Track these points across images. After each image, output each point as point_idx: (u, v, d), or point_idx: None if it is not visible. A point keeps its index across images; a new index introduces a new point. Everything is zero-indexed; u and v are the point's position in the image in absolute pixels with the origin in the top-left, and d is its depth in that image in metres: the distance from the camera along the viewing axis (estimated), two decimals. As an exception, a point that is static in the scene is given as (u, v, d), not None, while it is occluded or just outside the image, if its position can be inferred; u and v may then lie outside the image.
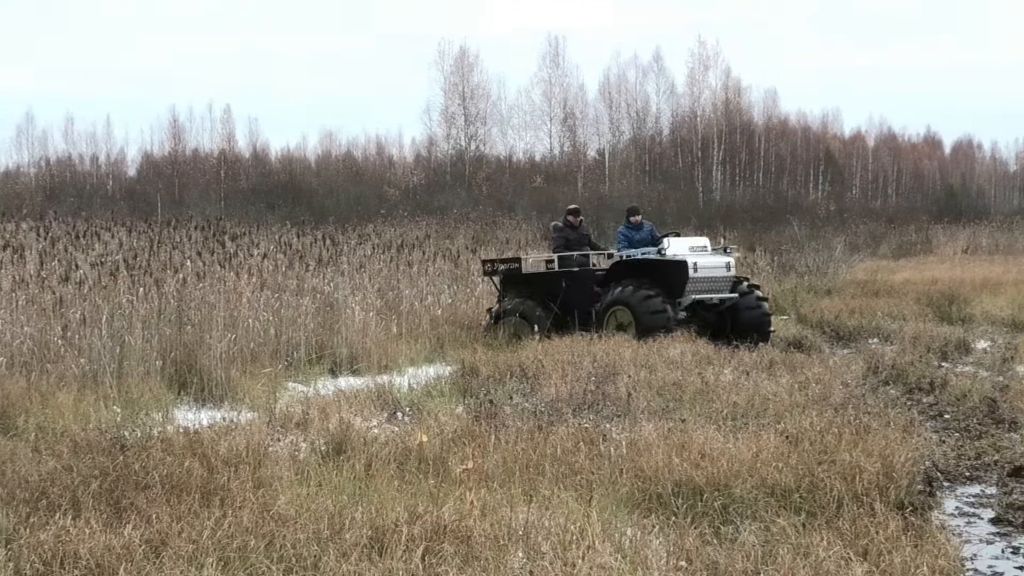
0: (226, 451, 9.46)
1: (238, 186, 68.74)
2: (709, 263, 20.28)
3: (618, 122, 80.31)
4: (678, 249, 20.37)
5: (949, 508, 9.65)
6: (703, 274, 20.08)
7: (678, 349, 16.87)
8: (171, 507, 7.75)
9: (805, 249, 36.98)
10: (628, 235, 21.25)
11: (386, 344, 17.68)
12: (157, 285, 15.95)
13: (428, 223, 41.90)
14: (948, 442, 12.15)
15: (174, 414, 12.31)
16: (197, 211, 44.55)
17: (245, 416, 11.95)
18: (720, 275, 20.49)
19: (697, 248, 20.62)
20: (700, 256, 20.26)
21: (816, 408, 12.03)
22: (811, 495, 8.67)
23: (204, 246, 20.00)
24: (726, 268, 20.59)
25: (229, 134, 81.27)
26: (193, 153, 79.03)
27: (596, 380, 14.19)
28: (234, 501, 7.91)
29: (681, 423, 11.17)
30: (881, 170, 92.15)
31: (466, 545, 7.18)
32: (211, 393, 13.81)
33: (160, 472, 8.69)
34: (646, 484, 8.89)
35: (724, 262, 20.59)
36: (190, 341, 14.85)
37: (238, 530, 7.25)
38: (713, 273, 20.32)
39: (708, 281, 20.26)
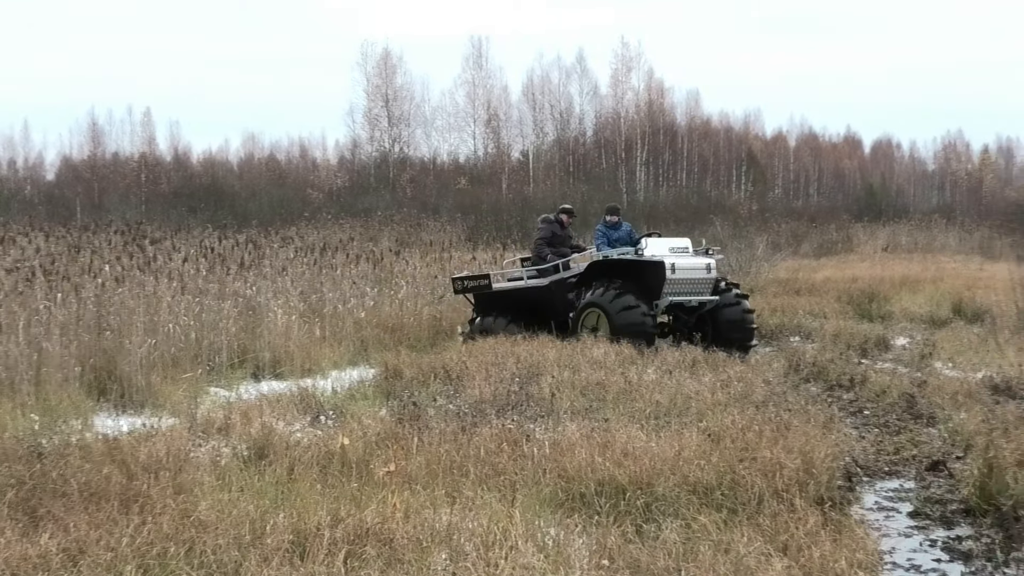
0: (146, 457, 9.37)
1: (159, 190, 68.10)
2: (688, 264, 19.53)
3: (542, 123, 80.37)
4: (656, 250, 19.63)
5: (868, 503, 9.77)
6: (681, 276, 19.38)
7: (601, 349, 16.90)
8: (89, 515, 7.66)
9: (728, 248, 37.17)
10: (606, 234, 20.66)
11: (309, 347, 17.59)
12: (76, 290, 15.78)
13: (352, 225, 41.76)
14: (867, 438, 12.31)
15: (93, 421, 12.14)
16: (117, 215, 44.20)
17: (166, 422, 11.83)
18: (700, 277, 19.71)
19: (677, 249, 19.84)
20: (679, 257, 19.54)
21: (738, 406, 12.13)
22: (732, 492, 8.75)
23: (124, 250, 19.80)
24: (706, 270, 19.71)
25: (150, 137, 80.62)
26: (113, 157, 78.17)
27: (520, 381, 14.18)
28: (154, 508, 7.83)
29: (604, 423, 11.19)
30: (803, 170, 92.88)
31: (389, 548, 7.17)
32: (131, 399, 13.65)
33: (78, 480, 8.57)
34: (569, 484, 8.92)
35: (704, 264, 19.73)
36: (110, 347, 14.67)
37: (158, 537, 7.19)
38: (692, 275, 19.59)
39: (687, 283, 19.55)
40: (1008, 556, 8.09)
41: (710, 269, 19.68)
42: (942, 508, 9.51)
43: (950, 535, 8.80)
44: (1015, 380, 15.33)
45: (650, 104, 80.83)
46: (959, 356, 18.37)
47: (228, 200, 56.75)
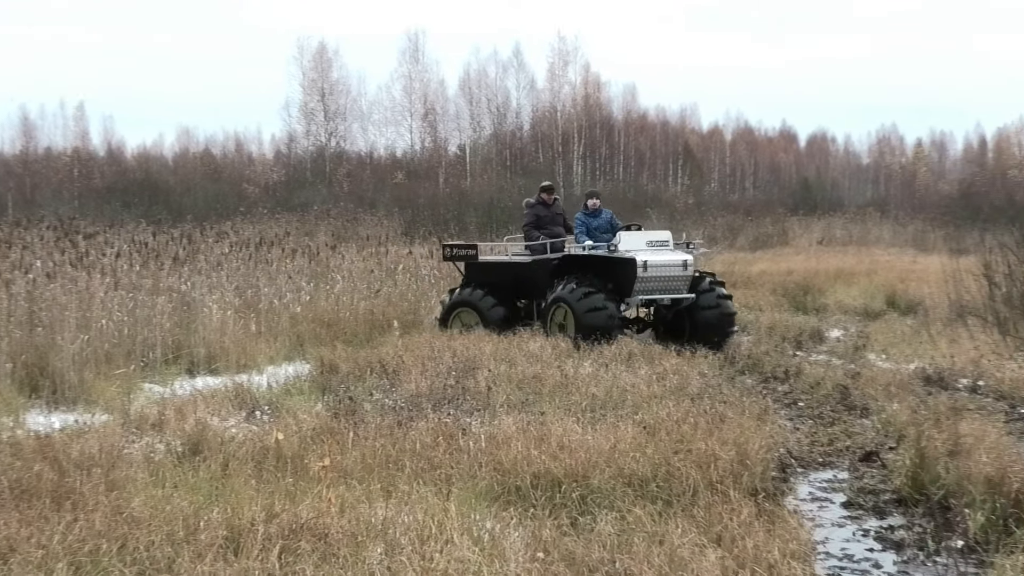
0: (78, 454, 9.29)
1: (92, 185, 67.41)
2: (661, 261, 18.69)
3: (479, 117, 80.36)
4: (631, 244, 18.90)
5: (802, 493, 9.85)
6: (654, 273, 18.60)
7: (538, 343, 16.94)
8: (20, 512, 7.59)
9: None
10: (586, 222, 19.87)
11: (244, 343, 17.49)
12: (6, 286, 15.61)
13: (288, 220, 41.57)
14: (802, 429, 12.41)
15: (25, 418, 12.02)
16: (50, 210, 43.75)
17: (99, 418, 11.76)
18: (675, 274, 18.83)
19: (656, 243, 19.10)
20: (652, 253, 18.75)
21: (673, 398, 12.20)
22: (667, 484, 8.81)
23: (56, 246, 19.62)
24: (682, 267, 18.83)
25: (83, 132, 80.00)
26: (45, 152, 77.46)
27: (456, 375, 14.19)
28: (86, 505, 7.77)
29: (540, 416, 11.22)
30: (738, 163, 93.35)
31: (324, 542, 7.15)
32: (64, 396, 13.52)
33: (9, 477, 8.49)
34: (505, 477, 8.94)
35: (680, 260, 18.85)
36: (41, 343, 14.53)
37: (90, 534, 7.13)
38: (666, 272, 18.75)
39: (660, 281, 18.75)
40: (939, 545, 8.17)
41: (687, 266, 18.89)
42: (875, 498, 9.61)
43: (883, 525, 8.89)
44: (947, 371, 15.50)
45: (587, 98, 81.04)
46: (892, 348, 18.56)
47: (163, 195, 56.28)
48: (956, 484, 8.99)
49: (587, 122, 79.39)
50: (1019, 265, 18.55)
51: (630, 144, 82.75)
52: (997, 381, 14.80)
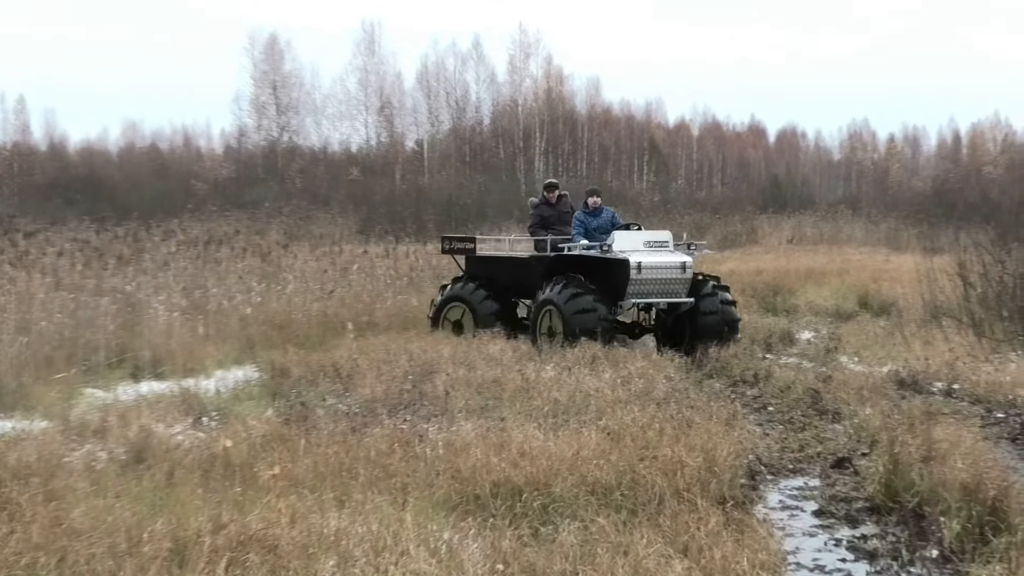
0: (15, 463, 9.19)
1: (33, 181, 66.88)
2: (657, 263, 18.34)
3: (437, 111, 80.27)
4: (626, 245, 18.51)
5: (772, 501, 9.88)
6: (649, 275, 18.27)
7: (498, 346, 16.92)
8: (-47, 524, 7.51)
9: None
10: (584, 222, 19.39)
11: (192, 346, 17.38)
12: (-59, 287, 15.48)
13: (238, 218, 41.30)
14: (772, 435, 12.44)
15: (-40, 425, 11.92)
16: (-12, 208, 43.41)
17: (37, 425, 11.65)
18: (672, 277, 18.49)
19: (654, 244, 18.72)
20: (648, 254, 18.39)
21: (639, 403, 12.19)
22: (632, 492, 8.80)
23: (-7, 245, 19.46)
24: (681, 269, 18.50)
25: (23, 126, 79.44)
26: (-17, 147, 76.89)
27: (413, 379, 14.17)
28: (23, 516, 7.68)
29: (500, 422, 11.21)
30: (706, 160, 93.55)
31: (273, 554, 7.09)
32: (1, 401, 13.41)
33: (-58, 487, 8.41)
34: (463, 485, 8.90)
35: (679, 262, 18.52)
36: (-22, 347, 14.42)
37: (27, 546, 7.05)
38: (662, 275, 18.41)
39: (656, 283, 18.41)
40: (913, 555, 8.20)
41: (685, 268, 18.57)
42: (847, 506, 9.64)
43: (855, 534, 8.92)
44: (921, 374, 15.58)
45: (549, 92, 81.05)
46: (865, 350, 18.63)
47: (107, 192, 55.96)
48: (931, 491, 9.03)
49: (549, 116, 79.41)
50: (994, 264, 18.68)
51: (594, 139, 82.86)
52: (972, 384, 14.87)
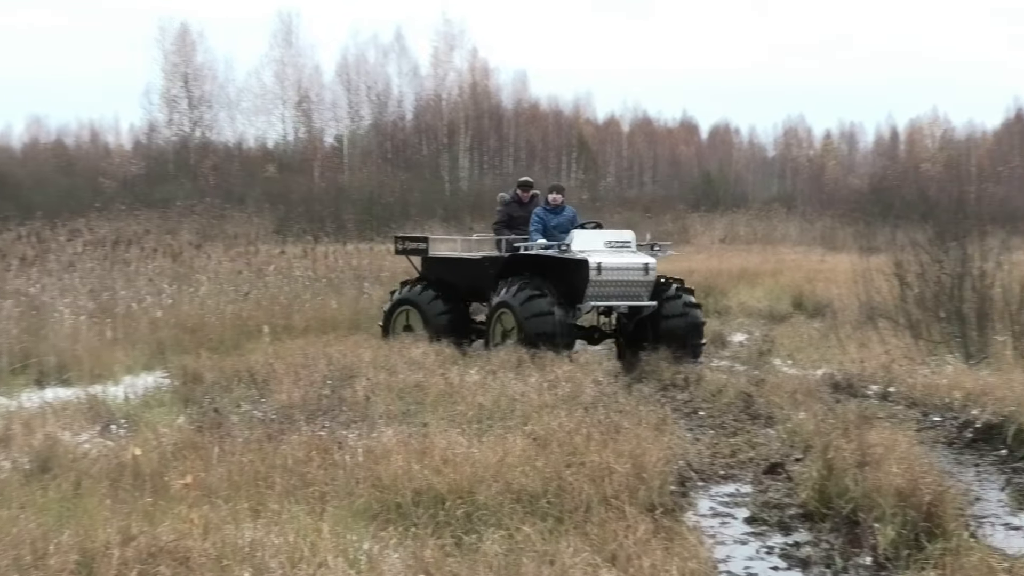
0: (-86, 473, 9.12)
1: (-71, 179, 66.21)
2: (618, 264, 17.95)
3: (357, 106, 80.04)
4: (586, 244, 18.15)
5: (703, 508, 9.95)
6: (609, 277, 17.86)
7: (420, 349, 16.93)
8: None
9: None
10: (544, 219, 18.84)
11: (100, 350, 17.27)
12: None
13: (148, 217, 41.04)
14: (703, 440, 12.53)
15: None
16: None
17: (-64, 434, 11.53)
18: (634, 279, 18.10)
19: (615, 244, 18.35)
20: (609, 255, 18.02)
21: (565, 408, 12.24)
22: (559, 499, 8.83)
23: None
24: (643, 271, 18.11)
25: (-81, 121, 78.46)
26: None
27: (332, 384, 14.17)
28: (-80, 529, 7.62)
29: (423, 428, 11.21)
30: (636, 156, 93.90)
31: (185, 567, 7.07)
32: (-102, 409, 13.27)
33: None
34: (384, 494, 8.91)
35: (641, 263, 18.13)
36: None
37: (-74, 559, 7.00)
38: (623, 276, 18.02)
39: (617, 285, 18.03)
40: (847, 562, 8.30)
41: (648, 270, 18.18)
42: (780, 513, 9.72)
43: (788, 541, 9.00)
44: (856, 377, 15.75)
45: (474, 86, 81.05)
46: (799, 353, 18.81)
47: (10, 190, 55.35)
48: (865, 497, 9.12)
49: (474, 112, 79.41)
50: (932, 264, 18.87)
51: (521, 135, 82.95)
52: (909, 387, 15.04)
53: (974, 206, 20.38)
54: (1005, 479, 11.08)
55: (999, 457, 11.93)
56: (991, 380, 14.24)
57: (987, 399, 13.36)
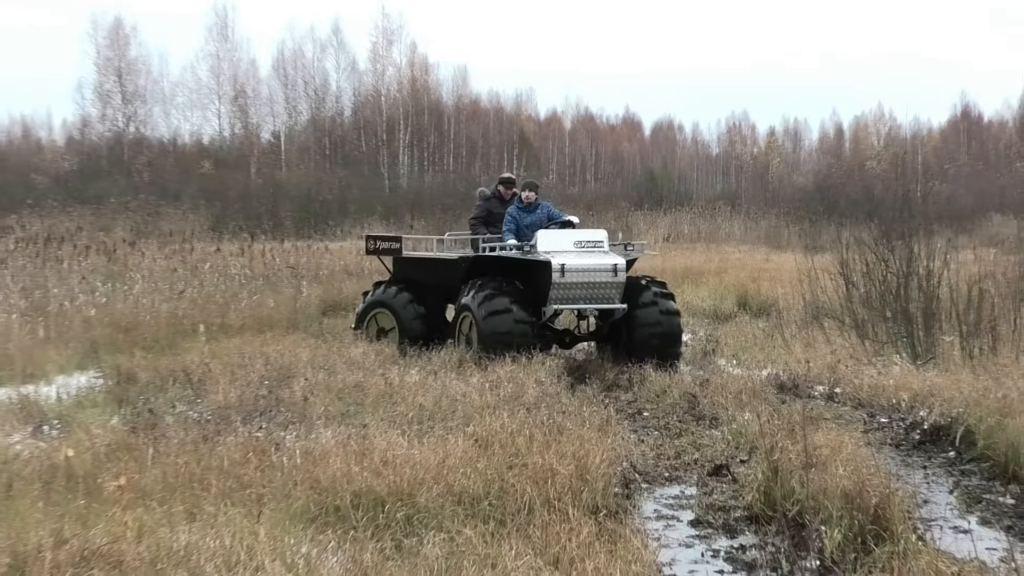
0: None
1: None
2: (584, 265, 17.36)
3: (295, 101, 79.94)
4: (553, 244, 17.63)
5: (647, 511, 9.96)
6: (575, 279, 17.32)
7: (360, 349, 16.89)
8: None
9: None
10: (517, 218, 18.52)
11: (31, 349, 17.12)
12: None
13: (81, 214, 40.86)
14: (647, 441, 12.54)
15: None
16: None
17: None
18: (601, 280, 17.44)
19: (586, 244, 17.78)
20: (576, 255, 17.49)
21: (508, 408, 12.20)
22: (501, 502, 8.81)
23: None
24: (612, 272, 17.40)
25: None
26: None
27: (269, 384, 14.10)
28: None
29: (362, 428, 11.15)
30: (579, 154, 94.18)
31: (118, 570, 7.03)
32: None
33: None
34: (322, 496, 8.87)
35: (609, 264, 17.45)
36: None
37: None
38: (590, 278, 17.39)
39: (583, 288, 17.43)
40: (793, 565, 8.30)
41: (617, 271, 17.45)
42: (725, 515, 9.74)
43: (733, 544, 9.01)
44: (802, 378, 15.78)
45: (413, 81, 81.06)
46: (744, 353, 18.86)
47: (-61, 186, 54.98)
48: (811, 499, 9.13)
49: (414, 108, 79.41)
50: (877, 263, 18.99)
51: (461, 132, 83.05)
52: (855, 388, 15.10)
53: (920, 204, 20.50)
54: (953, 481, 11.13)
55: (947, 459, 11.97)
56: (938, 381, 14.32)
57: (934, 400, 13.43)
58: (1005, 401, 12.16)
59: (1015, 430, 11.23)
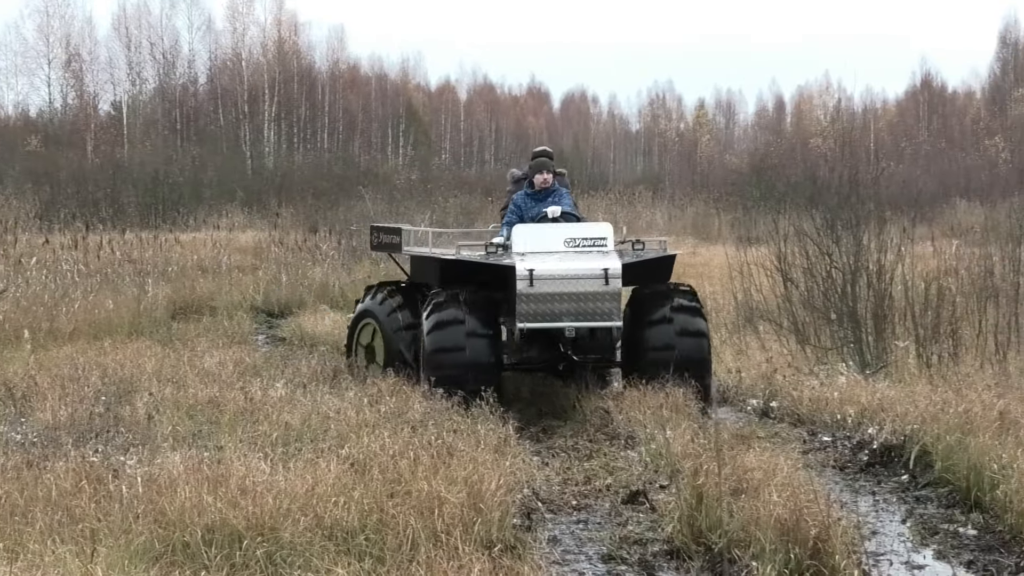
0: None
1: None
2: (562, 271, 15.06)
3: (139, 66, 79.52)
4: (530, 243, 15.48)
5: (550, 545, 9.98)
6: (548, 289, 14.98)
7: (216, 358, 16.85)
8: None
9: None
10: (522, 207, 16.77)
11: None
12: None
13: None
14: (552, 464, 12.61)
15: None
16: None
17: None
18: (586, 291, 15.05)
19: (580, 242, 15.53)
20: (557, 258, 15.26)
21: (389, 427, 12.21)
22: (379, 535, 8.83)
23: None
24: (601, 280, 15.02)
25: None
26: None
27: (107, 400, 14.03)
28: None
29: (217, 451, 11.14)
30: (476, 129, 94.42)
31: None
32: None
33: None
34: (169, 531, 8.84)
35: (598, 270, 15.07)
36: None
37: None
38: (570, 287, 15.03)
39: (561, 300, 15.02)
40: (720, 606, 8.40)
41: (609, 278, 15.04)
42: (641, 549, 9.81)
43: (651, 583, 9.09)
44: (733, 390, 15.94)
45: (280, 43, 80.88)
46: (666, 361, 18.94)
47: None
48: (741, 530, 9.23)
49: (281, 74, 79.25)
50: (821, 257, 19.15)
51: (337, 103, 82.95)
52: (793, 401, 15.26)
53: (871, 189, 20.67)
54: (906, 509, 11.26)
55: (899, 483, 12.11)
56: (890, 393, 14.49)
57: (885, 415, 13.57)
58: (967, 416, 12.30)
59: (978, 450, 11.32)
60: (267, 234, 37.48)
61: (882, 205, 20.57)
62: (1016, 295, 18.45)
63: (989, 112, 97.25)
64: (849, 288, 18.49)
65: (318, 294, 28.50)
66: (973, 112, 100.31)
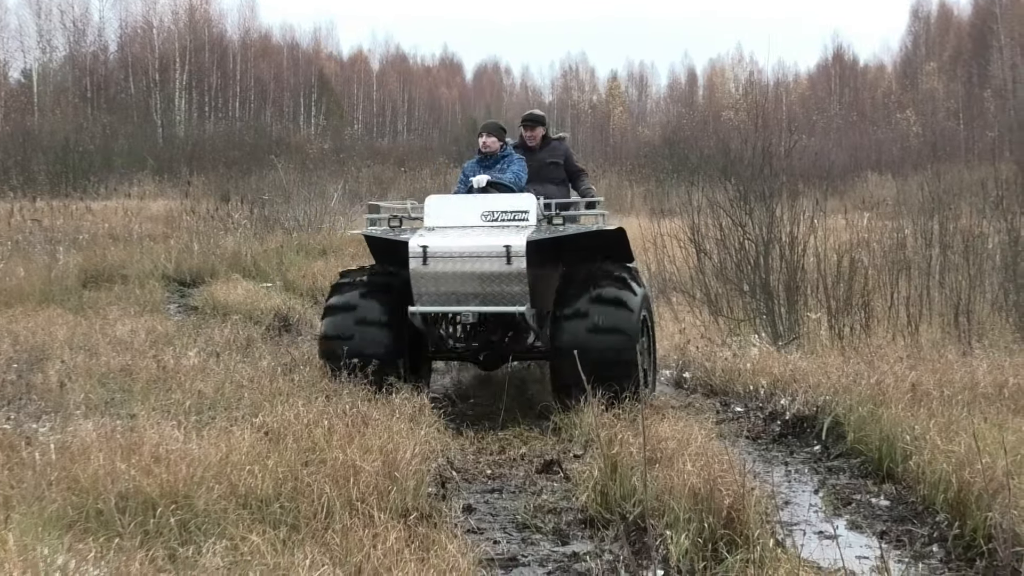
0: None
1: None
2: (456, 248, 13.45)
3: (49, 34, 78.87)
4: (441, 217, 13.98)
5: (465, 513, 9.99)
6: (442, 268, 13.46)
7: (128, 326, 16.76)
8: None
9: (293, 199, 37.25)
10: (468, 175, 15.03)
11: None
12: None
13: None
14: (466, 434, 12.60)
15: None
16: None
17: None
18: (483, 271, 13.43)
19: (499, 216, 13.80)
20: (453, 234, 13.67)
21: (304, 396, 12.19)
22: (294, 504, 8.80)
23: None
24: (502, 258, 13.29)
25: None
26: None
27: (18, 368, 13.95)
28: None
29: (130, 419, 11.07)
30: (389, 99, 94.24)
31: None
32: None
33: None
34: (82, 498, 8.77)
35: (496, 248, 13.34)
36: None
37: None
38: (465, 267, 13.44)
39: (456, 280, 13.48)
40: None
41: (512, 256, 13.29)
42: (556, 519, 9.82)
43: (565, 552, 9.09)
44: (646, 360, 15.96)
45: (191, 11, 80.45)
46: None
47: None
48: (655, 500, 9.25)
49: (192, 43, 78.81)
50: (734, 229, 19.23)
51: (249, 72, 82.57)
52: (706, 372, 15.34)
53: (783, 161, 20.77)
54: (819, 480, 11.30)
55: (812, 454, 12.18)
56: (803, 364, 14.58)
57: (798, 386, 13.65)
58: (879, 388, 12.37)
59: (890, 421, 11.37)
60: (178, 203, 37.21)
61: (795, 177, 20.69)
62: (928, 268, 18.60)
63: (901, 86, 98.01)
64: (762, 260, 18.57)
65: (230, 263, 28.21)
66: (885, 86, 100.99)
